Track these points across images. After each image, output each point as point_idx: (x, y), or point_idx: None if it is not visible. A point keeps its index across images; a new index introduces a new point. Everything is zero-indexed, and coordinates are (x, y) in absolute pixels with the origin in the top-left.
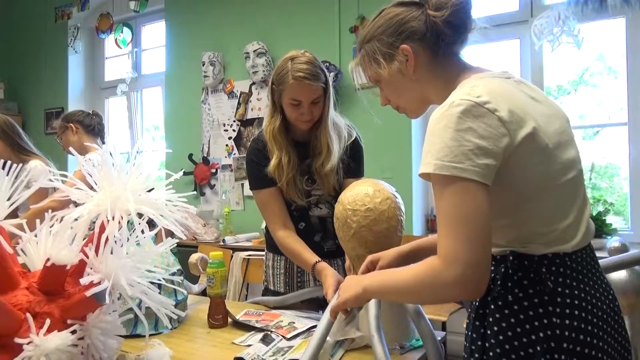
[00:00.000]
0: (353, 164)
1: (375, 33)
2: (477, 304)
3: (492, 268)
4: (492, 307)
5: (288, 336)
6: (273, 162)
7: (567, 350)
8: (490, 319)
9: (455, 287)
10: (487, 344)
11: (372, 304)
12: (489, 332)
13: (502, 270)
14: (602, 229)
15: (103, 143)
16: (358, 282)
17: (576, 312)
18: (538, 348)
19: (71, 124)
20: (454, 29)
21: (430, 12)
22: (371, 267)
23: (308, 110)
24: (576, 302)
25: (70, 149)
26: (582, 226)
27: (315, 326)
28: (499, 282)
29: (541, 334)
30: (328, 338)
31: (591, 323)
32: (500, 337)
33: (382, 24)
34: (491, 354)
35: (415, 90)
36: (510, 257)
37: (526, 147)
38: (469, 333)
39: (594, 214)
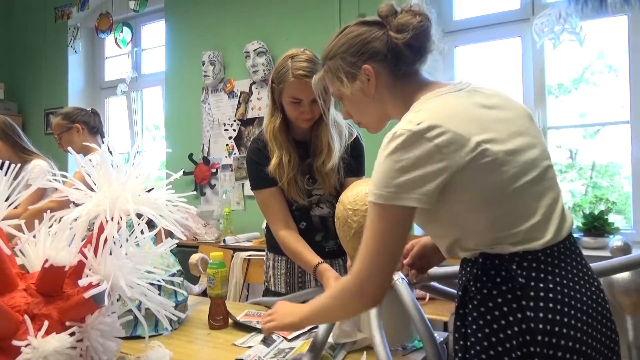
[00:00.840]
0: (354, 163)
1: (338, 51)
2: (457, 304)
3: (468, 269)
4: (470, 306)
5: (289, 337)
6: (273, 161)
7: (541, 343)
8: (469, 318)
9: (355, 298)
10: (468, 343)
11: None
12: (469, 331)
13: (475, 271)
14: (604, 228)
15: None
16: (295, 311)
17: (550, 305)
18: (514, 342)
19: (77, 125)
20: (414, 51)
21: (392, 33)
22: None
23: (309, 109)
24: (550, 295)
25: (70, 149)
26: (552, 223)
27: (316, 327)
28: (471, 283)
29: (516, 328)
30: (330, 339)
31: (567, 315)
32: (479, 335)
33: (345, 42)
34: (472, 352)
35: (376, 108)
36: (480, 259)
37: (471, 165)
38: (453, 333)
39: (596, 213)
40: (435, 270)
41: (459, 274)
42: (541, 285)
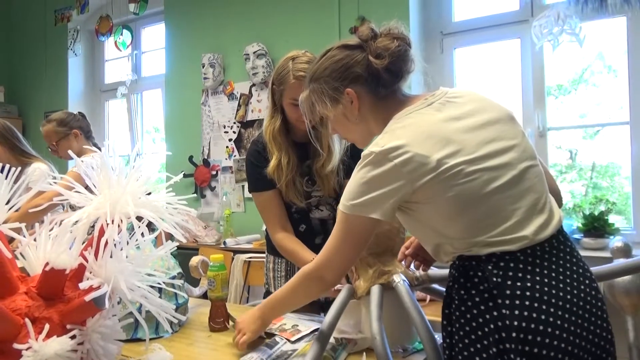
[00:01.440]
0: (354, 165)
1: (322, 74)
2: (443, 305)
3: (452, 271)
4: (453, 306)
5: (292, 339)
6: (272, 162)
7: (516, 339)
8: (453, 317)
9: (314, 282)
10: (453, 341)
11: (374, 307)
12: (453, 329)
13: (455, 273)
14: (604, 228)
15: (94, 144)
16: (253, 317)
17: (526, 303)
18: (490, 339)
19: (75, 130)
20: (392, 74)
21: (371, 58)
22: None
23: None
24: (527, 293)
25: (70, 152)
26: (532, 223)
27: (318, 329)
28: (454, 285)
29: (492, 326)
30: (331, 340)
31: (545, 312)
32: (461, 333)
33: (328, 67)
34: (457, 349)
35: (359, 128)
36: (457, 262)
37: (434, 180)
38: (442, 332)
39: (596, 214)
40: (435, 272)
41: (448, 277)
42: (518, 284)
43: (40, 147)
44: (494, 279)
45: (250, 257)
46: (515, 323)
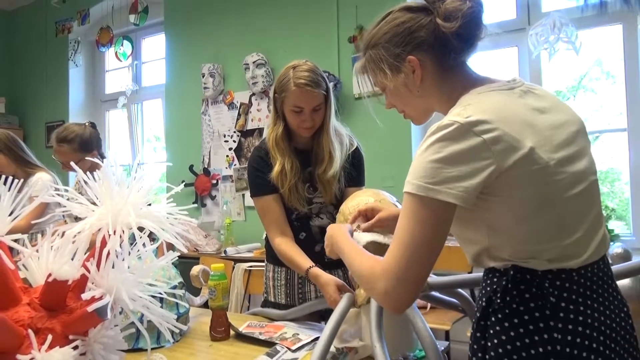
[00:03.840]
0: (354, 172)
1: (381, 39)
2: (479, 315)
3: (495, 280)
4: (493, 319)
5: (293, 348)
6: (276, 168)
7: None
8: (491, 331)
9: (379, 298)
10: (487, 357)
11: (373, 314)
12: (489, 344)
13: (504, 283)
14: None
15: (100, 155)
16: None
17: (579, 329)
18: None
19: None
20: (463, 40)
21: (440, 21)
22: (369, 215)
23: (309, 117)
24: (580, 318)
25: (72, 164)
26: (594, 240)
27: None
28: (499, 295)
29: (540, 349)
30: (332, 349)
31: (596, 340)
32: (500, 350)
33: (389, 31)
34: None
35: (420, 101)
36: (512, 271)
37: (519, 169)
38: (472, 344)
39: None
40: (435, 279)
41: (482, 284)
42: (571, 306)
43: (41, 157)
44: (551, 299)
45: (251, 266)
46: (567, 350)
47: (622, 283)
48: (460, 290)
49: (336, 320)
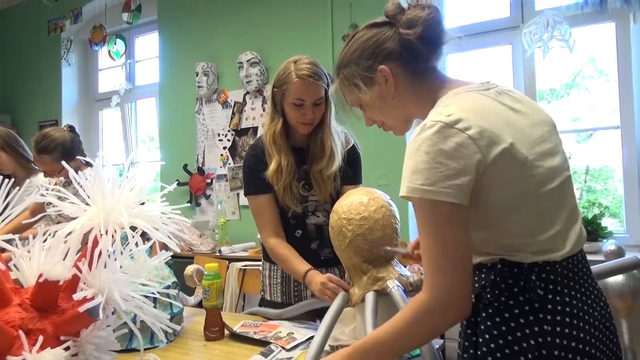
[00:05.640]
0: (351, 170)
1: (352, 57)
2: None
3: (483, 276)
4: (483, 314)
5: (287, 347)
6: (272, 165)
7: (558, 358)
8: (482, 327)
9: (440, 313)
10: (479, 352)
11: (368, 313)
12: (480, 340)
13: (492, 277)
14: (597, 232)
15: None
16: (342, 356)
17: (567, 320)
18: (529, 356)
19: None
20: (428, 44)
21: (403, 30)
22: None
23: (310, 111)
24: (567, 309)
25: (64, 163)
26: (571, 234)
27: (313, 336)
28: (488, 290)
29: (532, 342)
30: (326, 347)
31: (583, 330)
32: (492, 345)
33: (358, 47)
34: None
35: (397, 110)
36: (499, 265)
37: (501, 163)
38: (462, 341)
39: (590, 217)
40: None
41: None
42: (558, 298)
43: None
44: (538, 291)
45: (245, 265)
46: (558, 340)
47: (616, 280)
48: None
49: (330, 319)
